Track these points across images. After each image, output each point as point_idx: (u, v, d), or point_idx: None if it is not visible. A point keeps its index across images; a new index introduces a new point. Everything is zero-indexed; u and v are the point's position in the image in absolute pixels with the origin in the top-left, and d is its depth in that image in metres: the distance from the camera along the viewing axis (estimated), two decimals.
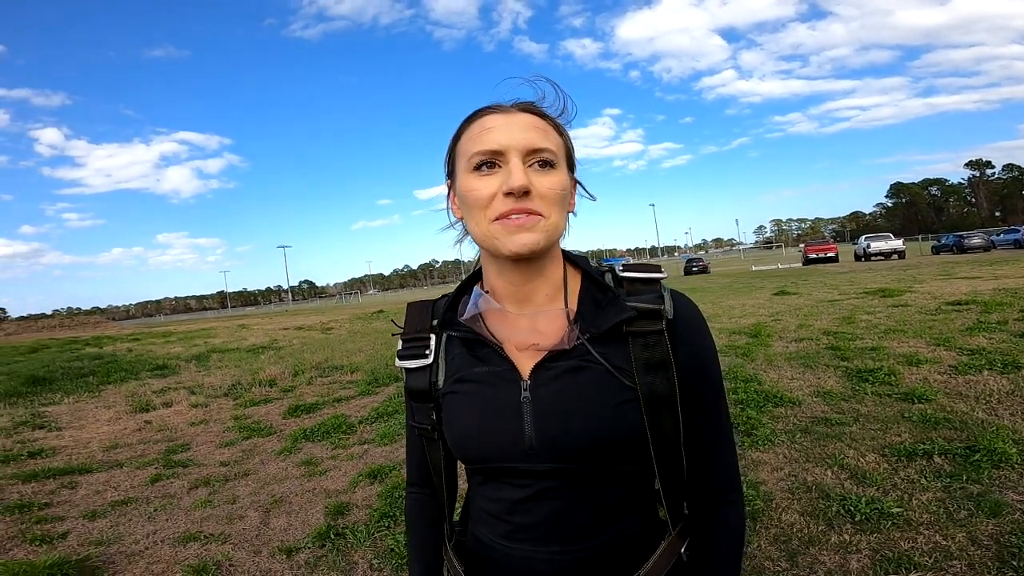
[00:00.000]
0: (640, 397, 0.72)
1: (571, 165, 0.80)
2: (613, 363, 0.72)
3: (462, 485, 0.90)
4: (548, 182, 0.71)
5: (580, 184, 0.83)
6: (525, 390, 0.74)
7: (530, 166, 0.71)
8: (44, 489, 4.09)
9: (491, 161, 0.71)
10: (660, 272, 0.78)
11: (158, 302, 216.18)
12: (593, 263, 0.83)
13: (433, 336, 0.82)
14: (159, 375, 9.57)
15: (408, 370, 0.83)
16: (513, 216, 0.70)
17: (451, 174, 0.79)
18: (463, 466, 0.84)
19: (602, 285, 0.77)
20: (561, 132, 0.78)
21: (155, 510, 3.56)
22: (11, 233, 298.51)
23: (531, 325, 0.76)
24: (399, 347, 0.85)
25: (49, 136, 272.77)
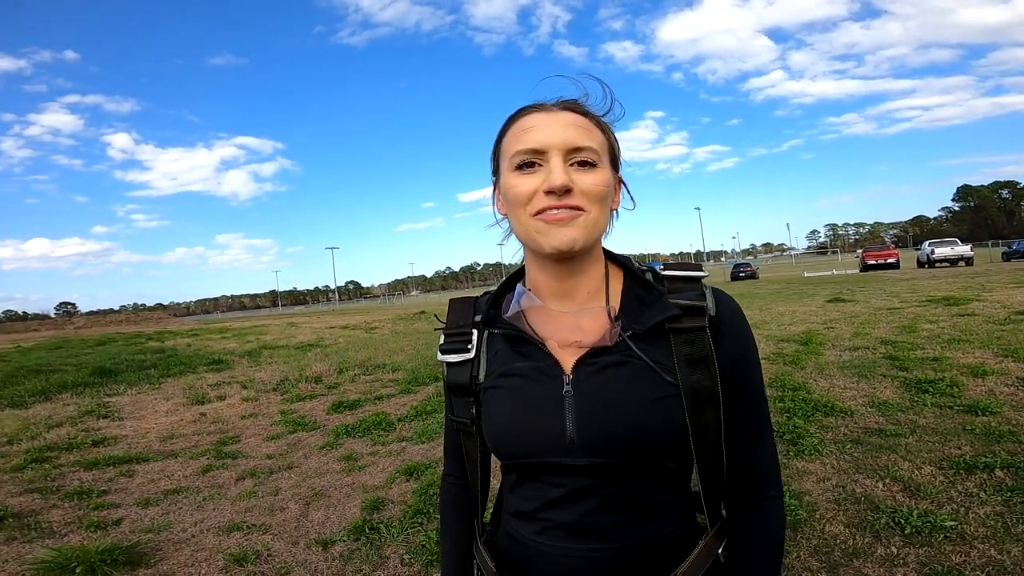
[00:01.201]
0: (682, 392, 0.71)
1: (615, 163, 0.79)
2: (655, 359, 0.72)
3: (494, 484, 0.90)
4: (590, 180, 0.72)
5: (624, 184, 0.83)
6: (567, 384, 0.74)
7: (571, 164, 0.72)
8: (103, 477, 4.34)
9: (532, 160, 0.72)
10: (701, 271, 0.78)
11: (215, 300, 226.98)
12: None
13: (475, 331, 0.83)
14: (215, 369, 10.02)
15: (449, 364, 0.84)
16: (553, 211, 0.70)
17: (496, 171, 0.80)
18: (496, 464, 0.84)
19: (645, 283, 0.78)
20: (605, 130, 0.77)
21: (204, 499, 3.72)
22: (85, 232, 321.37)
23: (574, 322, 0.76)
24: (441, 341, 0.86)
25: (120, 141, 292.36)
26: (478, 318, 0.84)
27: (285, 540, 3.00)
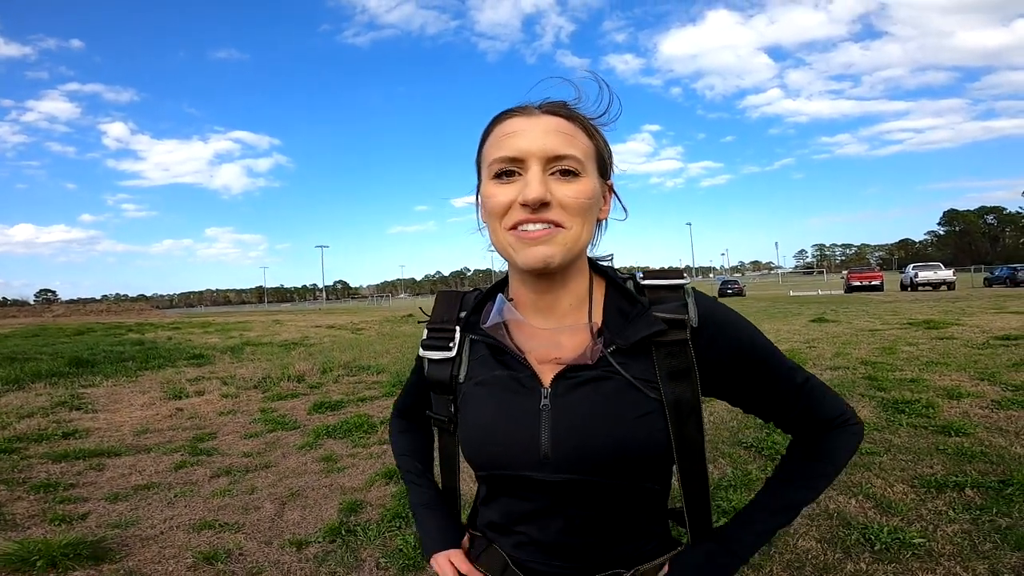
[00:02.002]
0: (665, 406, 0.70)
1: (604, 170, 0.74)
2: (636, 374, 0.70)
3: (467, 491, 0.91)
4: (570, 191, 0.67)
5: (615, 193, 0.78)
6: (545, 398, 0.72)
7: (552, 174, 0.68)
8: (72, 470, 4.24)
9: (511, 169, 0.68)
10: (682, 278, 0.75)
11: (200, 293, 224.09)
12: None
13: (458, 328, 0.81)
14: (195, 364, 9.89)
15: (430, 360, 0.83)
16: (530, 227, 0.67)
17: (479, 178, 0.77)
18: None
19: (628, 295, 0.75)
20: (593, 135, 0.72)
21: (175, 496, 3.65)
22: (72, 220, 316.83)
23: (554, 339, 0.73)
24: (424, 336, 0.85)
25: (116, 130, 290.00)
26: (463, 314, 0.82)
27: (258, 540, 2.96)
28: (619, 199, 0.79)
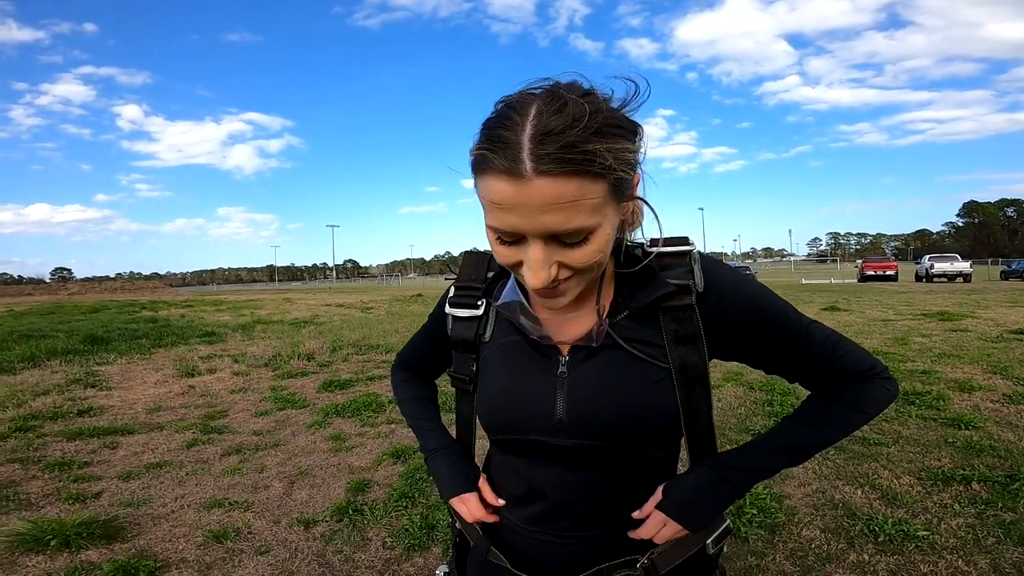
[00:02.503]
0: (672, 372, 0.71)
1: (622, 192, 0.63)
2: (646, 342, 0.72)
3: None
4: (578, 256, 0.62)
5: (647, 204, 0.71)
6: (563, 365, 0.74)
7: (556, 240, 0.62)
8: (86, 448, 4.31)
9: (510, 238, 0.63)
10: (688, 244, 0.74)
11: (212, 272, 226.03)
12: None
13: (483, 288, 0.82)
14: (207, 342, 10.01)
15: (456, 318, 0.83)
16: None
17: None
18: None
19: (636, 263, 0.75)
20: (604, 167, 0.57)
21: (187, 474, 3.71)
22: (87, 200, 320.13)
23: (559, 323, 0.76)
24: (451, 293, 0.84)
25: (130, 112, 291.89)
26: (491, 274, 0.82)
27: (267, 518, 3.02)
28: (649, 206, 0.71)
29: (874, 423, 4.04)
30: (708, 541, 0.76)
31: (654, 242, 0.75)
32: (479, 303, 0.81)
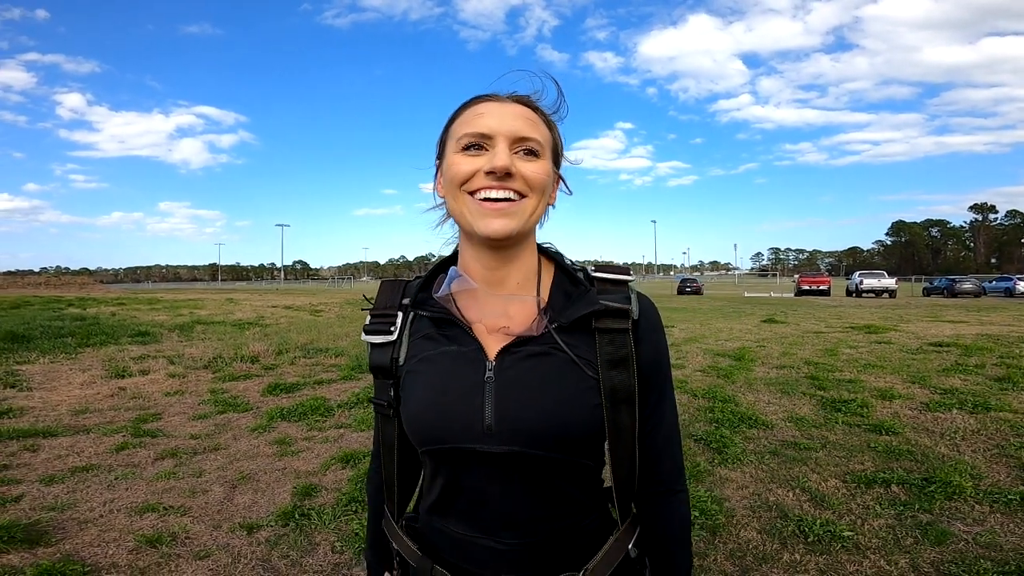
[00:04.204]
0: (601, 390, 0.74)
1: (556, 160, 0.82)
2: (578, 354, 0.74)
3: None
4: (531, 167, 0.75)
5: (562, 179, 0.85)
6: (489, 370, 0.75)
7: (516, 153, 0.74)
8: (5, 451, 4.04)
9: (479, 143, 0.75)
10: (629, 275, 0.80)
11: (148, 268, 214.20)
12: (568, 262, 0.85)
13: (400, 314, 0.84)
14: (140, 342, 9.49)
15: (372, 345, 0.85)
16: (492, 193, 0.73)
17: (440, 155, 0.82)
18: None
19: (574, 278, 0.80)
20: (551, 127, 0.81)
21: (116, 479, 3.53)
22: (15, 189, 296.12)
23: (502, 308, 0.78)
24: (367, 322, 0.86)
25: (72, 100, 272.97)
26: (406, 301, 0.84)
27: (206, 523, 2.90)
28: (565, 184, 0.86)
29: (804, 429, 4.28)
30: (630, 547, 0.81)
31: (598, 267, 0.81)
32: (392, 328, 0.83)
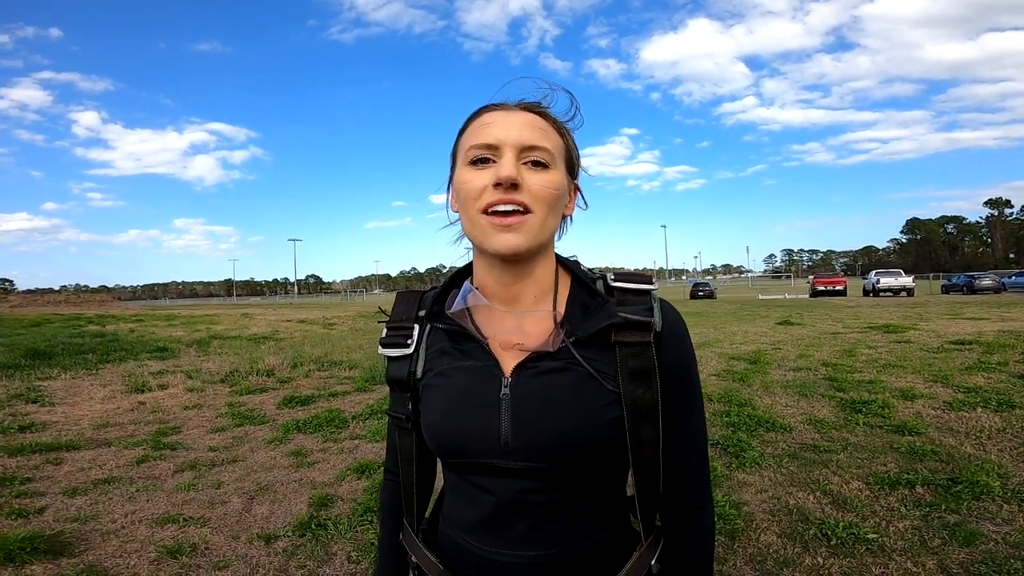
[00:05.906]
0: (623, 404, 0.72)
1: (571, 169, 0.79)
2: (597, 368, 0.72)
3: (439, 481, 0.90)
4: (539, 180, 0.71)
5: (579, 190, 0.82)
6: (505, 387, 0.73)
7: (524, 163, 0.72)
8: (28, 464, 4.11)
9: (486, 156, 0.72)
10: (651, 284, 0.77)
11: (165, 285, 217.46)
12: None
13: (417, 326, 0.83)
14: (158, 357, 9.62)
15: (390, 358, 0.84)
16: (501, 207, 0.70)
17: (452, 168, 0.79)
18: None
19: (592, 290, 0.77)
20: (563, 134, 0.77)
21: (137, 491, 3.57)
22: (34, 208, 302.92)
23: (518, 324, 0.75)
24: (383, 334, 0.85)
25: (88, 119, 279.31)
26: (422, 312, 0.83)
27: (225, 534, 2.92)
28: (582, 196, 0.83)
29: (824, 431, 4.21)
30: (652, 562, 0.79)
31: (619, 276, 0.77)
32: (409, 341, 0.82)
